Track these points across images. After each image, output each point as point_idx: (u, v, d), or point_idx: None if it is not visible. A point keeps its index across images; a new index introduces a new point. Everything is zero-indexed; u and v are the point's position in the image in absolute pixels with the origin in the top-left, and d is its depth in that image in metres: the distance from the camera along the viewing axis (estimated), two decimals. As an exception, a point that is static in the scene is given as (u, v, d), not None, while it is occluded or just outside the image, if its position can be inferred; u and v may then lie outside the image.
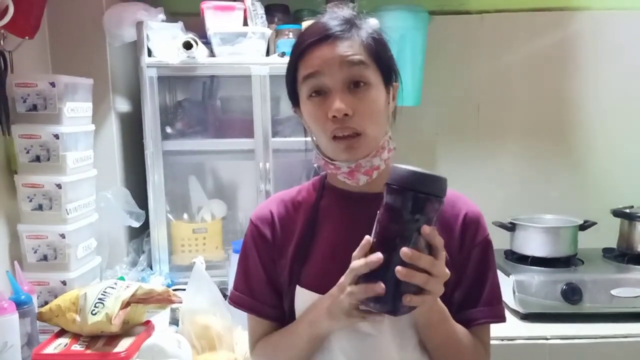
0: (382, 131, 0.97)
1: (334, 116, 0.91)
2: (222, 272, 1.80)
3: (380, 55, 0.96)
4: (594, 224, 1.84)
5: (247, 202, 2.09)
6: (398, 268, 0.77)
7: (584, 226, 1.83)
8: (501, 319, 1.01)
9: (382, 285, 0.78)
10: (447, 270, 0.80)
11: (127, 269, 1.85)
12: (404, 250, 0.77)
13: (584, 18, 2.22)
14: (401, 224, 0.79)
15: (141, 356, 1.06)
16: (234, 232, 2.07)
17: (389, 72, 0.98)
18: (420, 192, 0.78)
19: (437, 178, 0.80)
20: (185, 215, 2.02)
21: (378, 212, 0.82)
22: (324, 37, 0.93)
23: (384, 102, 0.96)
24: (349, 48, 0.92)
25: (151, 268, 1.95)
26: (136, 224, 1.85)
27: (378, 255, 0.79)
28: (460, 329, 0.96)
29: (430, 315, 0.90)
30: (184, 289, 1.48)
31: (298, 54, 0.96)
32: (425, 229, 0.79)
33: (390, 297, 0.78)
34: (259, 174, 1.94)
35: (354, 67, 0.92)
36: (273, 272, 1.03)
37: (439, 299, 0.89)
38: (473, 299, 0.99)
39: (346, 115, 0.91)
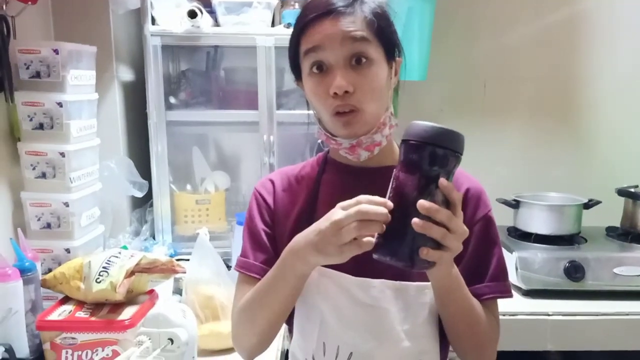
0: (382, 107, 0.97)
1: (335, 93, 0.91)
2: (224, 243, 1.81)
3: (383, 30, 0.95)
4: (599, 202, 1.84)
5: (251, 175, 2.08)
6: (414, 220, 0.76)
7: (589, 205, 1.83)
8: (508, 293, 1.01)
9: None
10: (466, 228, 0.79)
11: (130, 239, 1.85)
12: (421, 202, 0.76)
13: (594, -6, 2.19)
14: (418, 177, 0.78)
15: (146, 325, 1.05)
16: (237, 204, 2.08)
17: (391, 47, 0.97)
18: (438, 146, 0.77)
19: (456, 134, 0.79)
20: (189, 186, 2.02)
21: (394, 169, 0.81)
22: (327, 12, 0.92)
23: (386, 78, 0.96)
24: (351, 24, 0.92)
25: (154, 238, 1.95)
26: (139, 194, 1.85)
27: (389, 204, 0.79)
28: (475, 300, 0.96)
29: (450, 280, 0.90)
30: (187, 259, 1.49)
31: (300, 28, 0.95)
32: (443, 181, 0.78)
33: (407, 250, 0.78)
34: (263, 146, 1.93)
35: (356, 43, 0.91)
36: (271, 237, 1.04)
37: (455, 266, 0.89)
38: (479, 275, 0.99)
39: (347, 92, 0.91)
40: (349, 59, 0.92)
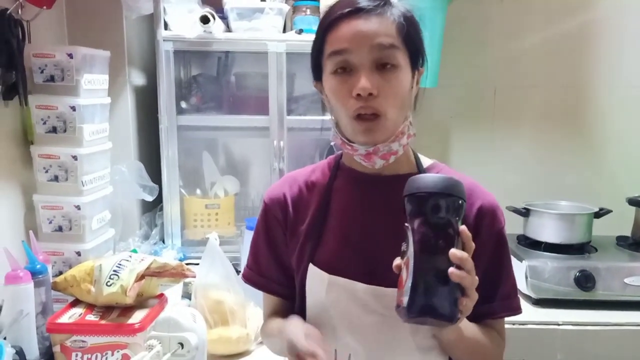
0: (403, 115, 0.95)
1: (358, 94, 0.89)
2: (234, 247, 1.81)
3: (411, 37, 0.93)
4: (609, 211, 1.82)
5: (260, 180, 2.09)
6: (453, 270, 0.76)
7: (599, 214, 1.81)
8: (518, 311, 1.00)
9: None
10: (477, 278, 0.81)
11: (139, 242, 1.86)
12: (455, 252, 0.77)
13: (605, 2, 2.18)
14: (442, 228, 0.79)
15: (157, 329, 1.06)
16: (246, 209, 2.09)
17: (417, 55, 0.95)
18: (455, 196, 0.80)
19: (461, 183, 0.82)
20: (198, 191, 2.03)
21: (411, 221, 0.81)
22: (355, 10, 0.90)
23: (409, 86, 0.94)
24: (380, 26, 0.89)
25: (163, 242, 1.96)
26: (149, 198, 1.86)
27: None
28: (477, 331, 0.95)
29: (459, 331, 0.90)
30: (196, 264, 1.49)
31: (326, 26, 0.93)
32: (465, 229, 0.80)
33: (447, 303, 0.78)
34: (273, 151, 1.93)
35: (384, 50, 0.89)
36: (283, 252, 1.04)
37: None
38: (490, 293, 0.97)
39: (370, 94, 0.88)
40: (374, 63, 0.90)
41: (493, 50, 2.22)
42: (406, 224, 0.82)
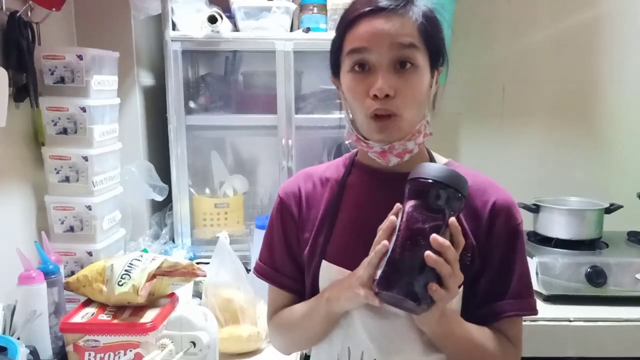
0: (420, 115, 0.94)
1: (375, 95, 0.89)
2: (243, 246, 1.81)
3: (432, 36, 0.92)
4: (620, 207, 1.82)
5: (269, 178, 2.09)
6: (428, 253, 0.78)
7: (610, 209, 1.80)
8: (532, 311, 0.97)
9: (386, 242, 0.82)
10: (462, 274, 0.81)
11: (150, 242, 1.87)
12: (435, 237, 0.78)
13: (614, -3, 2.18)
14: (432, 214, 0.81)
15: (169, 328, 1.07)
16: (255, 208, 2.09)
17: (437, 55, 0.94)
18: (453, 188, 0.82)
19: (465, 179, 0.84)
20: (207, 190, 2.03)
21: (405, 203, 0.84)
22: (377, 9, 0.89)
23: (427, 86, 0.93)
24: (401, 27, 0.89)
25: (173, 241, 1.97)
26: (159, 198, 1.86)
27: (384, 244, 0.83)
28: (476, 332, 0.93)
29: (439, 326, 0.88)
30: (207, 263, 1.50)
31: (347, 23, 0.92)
32: (454, 221, 0.81)
33: (416, 284, 0.79)
34: (282, 150, 1.93)
35: (404, 49, 0.89)
36: (296, 246, 1.04)
37: (447, 308, 0.87)
38: (501, 291, 0.95)
39: (387, 96, 0.88)
40: (393, 63, 0.89)
41: (502, 46, 2.21)
42: (401, 204, 0.85)
